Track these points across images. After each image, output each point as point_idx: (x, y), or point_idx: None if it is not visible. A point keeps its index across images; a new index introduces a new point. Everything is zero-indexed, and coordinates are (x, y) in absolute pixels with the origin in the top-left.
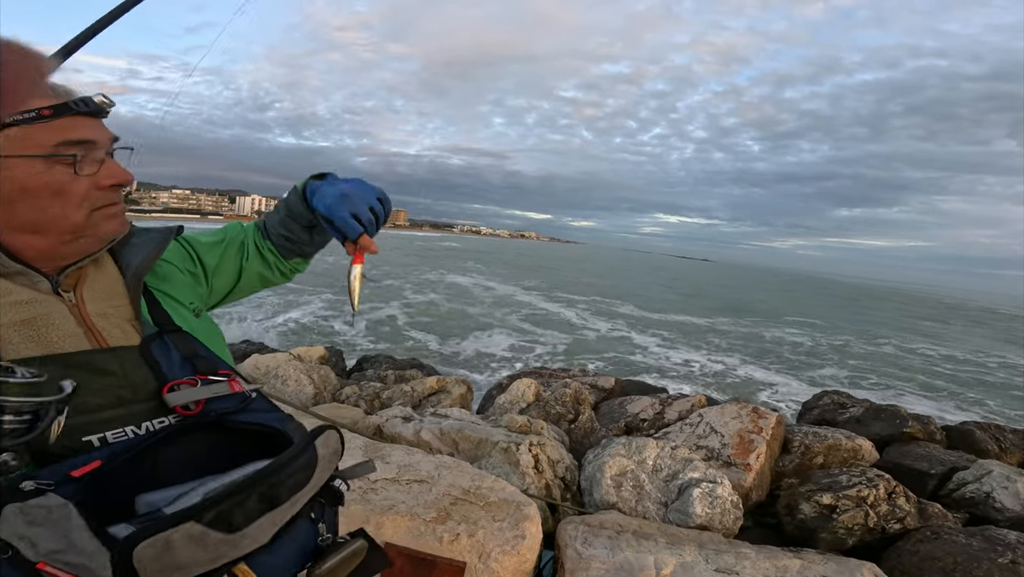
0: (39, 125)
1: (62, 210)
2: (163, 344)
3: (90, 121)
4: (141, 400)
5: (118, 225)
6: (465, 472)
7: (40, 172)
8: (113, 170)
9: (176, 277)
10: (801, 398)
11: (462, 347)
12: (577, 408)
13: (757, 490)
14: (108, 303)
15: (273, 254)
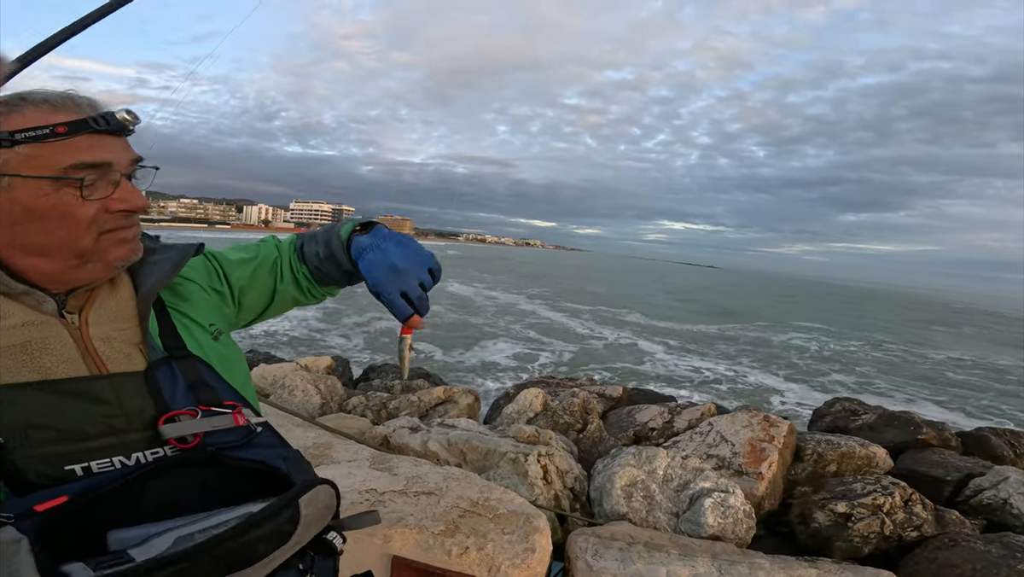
0: (52, 143)
1: (69, 234)
2: (169, 370)
3: (109, 140)
4: (136, 429)
5: (127, 251)
6: (473, 484)
7: (47, 194)
8: (126, 194)
9: (198, 297)
10: (810, 405)
11: (466, 357)
12: (585, 417)
13: (770, 499)
14: (114, 326)
15: (307, 279)
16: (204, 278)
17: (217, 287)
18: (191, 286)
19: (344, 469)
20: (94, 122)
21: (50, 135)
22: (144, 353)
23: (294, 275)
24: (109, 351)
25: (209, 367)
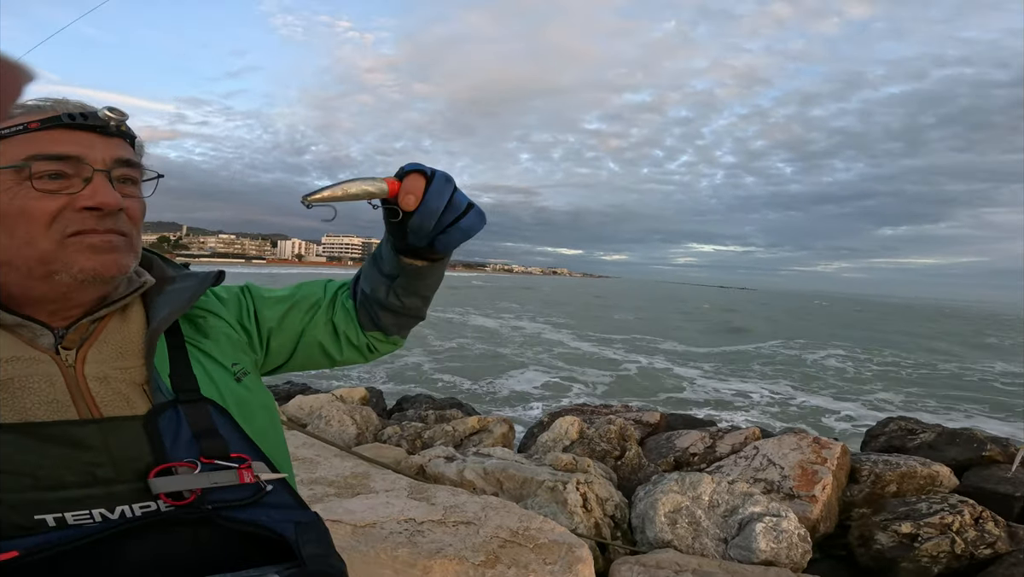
0: (19, 137)
1: (27, 233)
2: (174, 416)
3: (85, 136)
4: (126, 480)
5: (98, 263)
6: (512, 512)
7: (8, 188)
8: (95, 190)
9: (222, 333)
10: (859, 423)
11: (497, 387)
12: (623, 444)
13: (825, 522)
14: (116, 364)
15: (348, 315)
16: (235, 313)
17: (246, 324)
18: (216, 321)
19: (382, 498)
20: (68, 117)
21: (23, 131)
22: (148, 395)
23: (331, 312)
24: (104, 392)
25: (223, 413)
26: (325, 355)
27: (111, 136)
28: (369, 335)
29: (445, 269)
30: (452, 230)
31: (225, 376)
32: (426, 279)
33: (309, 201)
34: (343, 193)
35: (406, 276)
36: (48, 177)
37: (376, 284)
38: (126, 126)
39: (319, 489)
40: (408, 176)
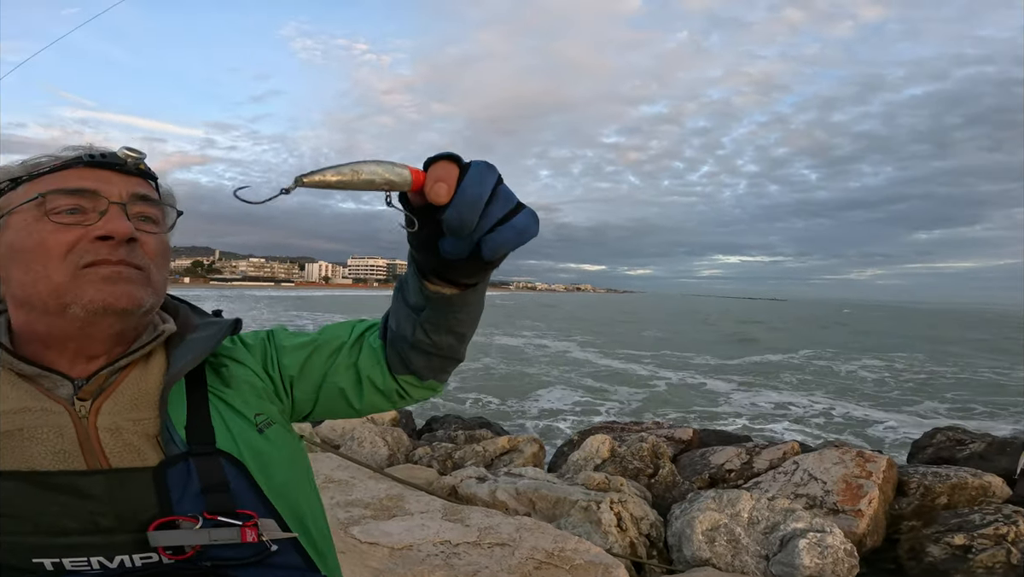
0: (43, 177)
1: (44, 267)
2: (185, 469)
3: (104, 173)
4: (128, 530)
5: (107, 295)
6: (547, 533)
7: (28, 225)
8: (107, 221)
9: (245, 382)
10: (902, 435)
11: (525, 407)
12: (656, 462)
13: (872, 536)
14: (130, 415)
15: (375, 357)
16: (260, 360)
17: (271, 372)
18: (239, 369)
19: (417, 521)
20: (88, 156)
21: (47, 172)
22: (161, 447)
23: (355, 354)
24: (114, 444)
25: (238, 466)
26: (346, 403)
27: (130, 174)
28: (400, 379)
29: (482, 299)
30: (503, 228)
31: (245, 427)
32: (457, 312)
33: (304, 183)
34: (352, 177)
35: (434, 308)
36: (66, 212)
37: (402, 318)
38: (145, 165)
39: (356, 511)
40: (436, 163)
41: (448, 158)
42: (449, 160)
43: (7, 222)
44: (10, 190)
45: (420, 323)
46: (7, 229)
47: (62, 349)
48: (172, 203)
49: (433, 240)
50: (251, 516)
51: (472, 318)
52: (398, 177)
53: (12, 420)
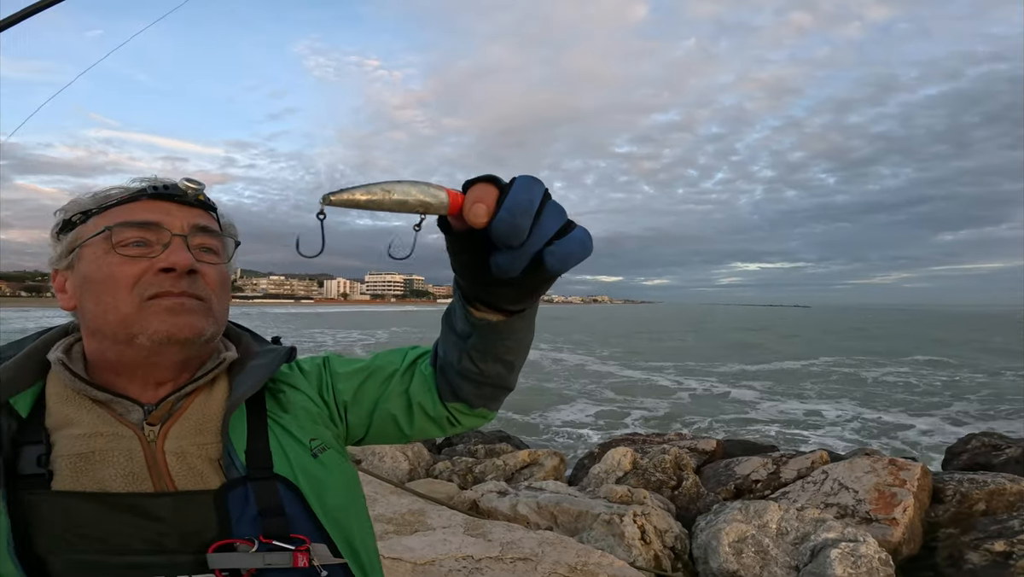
0: (111, 210)
1: (113, 298)
2: (244, 492)
3: (166, 205)
4: (189, 552)
5: (170, 326)
6: (569, 548)
7: (99, 257)
8: (170, 252)
9: (301, 407)
10: (935, 441)
11: (546, 419)
12: (679, 473)
13: (908, 544)
14: (194, 440)
15: (426, 384)
16: (315, 386)
17: (326, 397)
18: (296, 395)
19: (439, 536)
20: (152, 188)
21: (114, 204)
22: (222, 470)
23: (405, 388)
24: (180, 467)
25: (293, 490)
26: (397, 429)
27: (191, 205)
28: (450, 407)
29: (531, 326)
30: (567, 240)
31: (301, 452)
32: (504, 339)
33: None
34: (382, 197)
35: (480, 335)
36: (132, 244)
37: (449, 346)
38: (204, 195)
39: (379, 527)
40: (475, 185)
41: (487, 180)
42: (488, 181)
43: (80, 254)
44: (82, 223)
45: (467, 351)
46: (80, 261)
47: (132, 376)
48: (232, 233)
49: (476, 265)
50: (304, 541)
51: (521, 346)
52: (433, 199)
53: (86, 443)
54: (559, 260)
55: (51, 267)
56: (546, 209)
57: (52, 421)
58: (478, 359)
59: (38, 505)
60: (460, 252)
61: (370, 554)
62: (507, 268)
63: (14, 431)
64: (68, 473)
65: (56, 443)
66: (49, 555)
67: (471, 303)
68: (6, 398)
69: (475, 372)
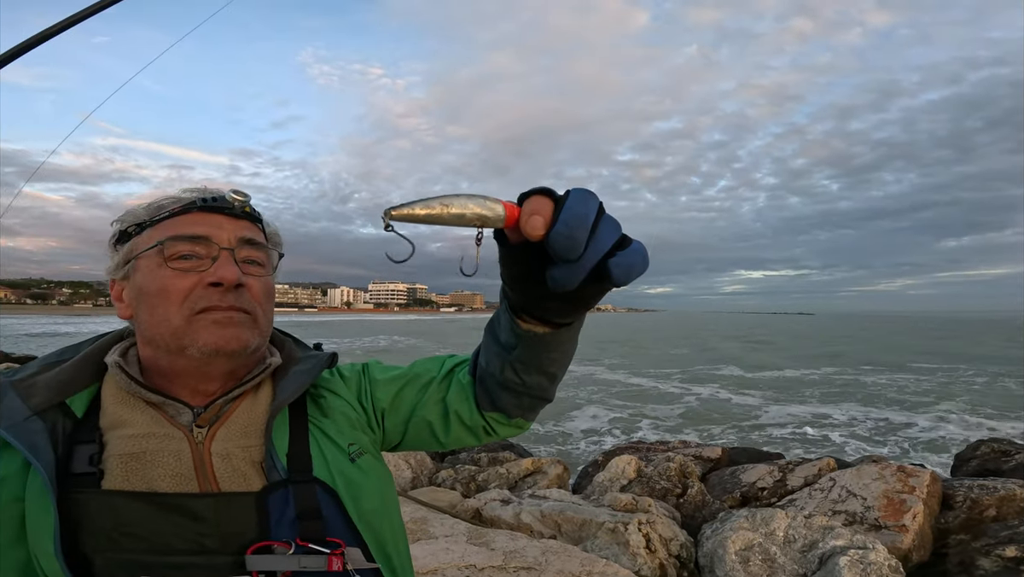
0: (163, 222)
1: (164, 311)
2: (284, 495)
3: (215, 217)
4: (229, 553)
5: (218, 338)
6: (573, 557)
7: (152, 270)
8: (218, 267)
9: (340, 412)
10: (943, 447)
11: (554, 429)
12: (684, 481)
13: (918, 551)
14: (239, 442)
15: (463, 393)
16: (355, 392)
17: (364, 403)
18: (336, 401)
19: (442, 544)
20: (201, 201)
21: (167, 217)
22: (264, 473)
23: (442, 397)
24: (225, 469)
25: (331, 494)
26: (433, 436)
27: (238, 218)
28: (487, 416)
29: (576, 339)
30: (628, 252)
31: (339, 456)
32: (550, 351)
33: (392, 217)
34: (442, 212)
35: (525, 346)
36: (182, 258)
37: (492, 356)
38: (250, 207)
39: None
40: (530, 197)
41: (542, 192)
42: (543, 194)
43: (136, 265)
44: (137, 234)
45: (510, 362)
46: (136, 272)
47: (183, 383)
48: (277, 243)
49: (527, 277)
50: (339, 544)
51: (564, 358)
52: (490, 212)
53: (139, 443)
54: (624, 272)
55: (108, 276)
56: (602, 222)
57: (106, 421)
58: (521, 370)
59: (87, 504)
60: (513, 265)
61: (402, 559)
62: (564, 282)
63: (69, 431)
64: (119, 472)
65: (109, 443)
66: (94, 554)
67: (518, 315)
68: (64, 398)
69: (517, 383)
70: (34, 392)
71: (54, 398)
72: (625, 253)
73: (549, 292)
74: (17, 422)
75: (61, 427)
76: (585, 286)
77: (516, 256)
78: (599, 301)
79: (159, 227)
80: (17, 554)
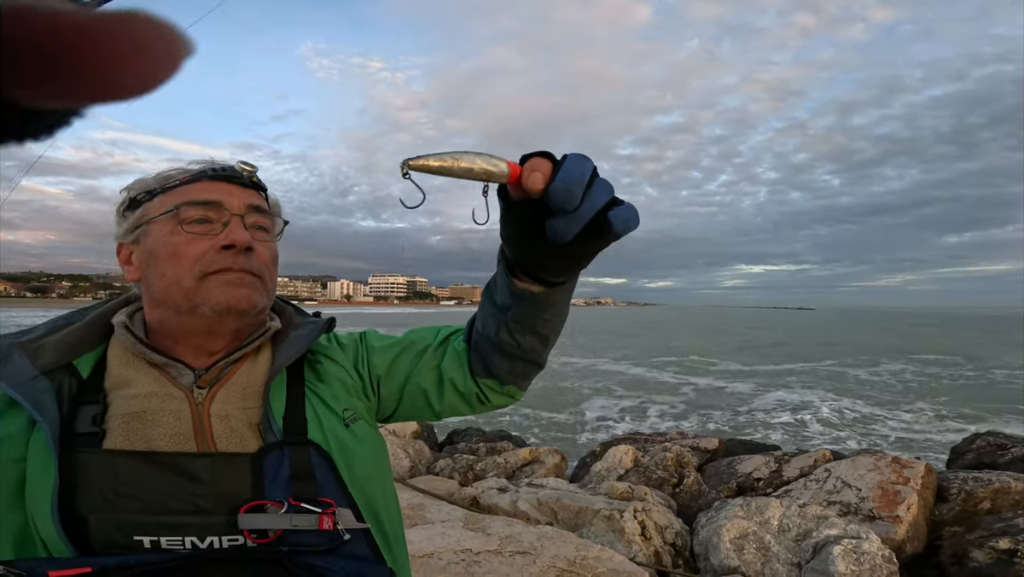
0: (175, 189)
1: (175, 274)
2: (279, 456)
3: (225, 186)
4: (222, 512)
5: (230, 296)
6: (569, 542)
7: (165, 234)
8: (230, 231)
9: (336, 378)
10: (939, 441)
11: (556, 419)
12: (681, 471)
13: (912, 542)
14: (238, 404)
15: (458, 359)
16: (351, 359)
17: (360, 370)
18: (332, 366)
19: (438, 529)
20: (212, 170)
21: (177, 185)
22: (261, 434)
23: (437, 364)
24: (223, 430)
25: (325, 457)
26: (427, 404)
27: (246, 187)
28: (481, 382)
29: (568, 300)
30: (623, 207)
31: (334, 420)
32: (543, 311)
33: (410, 167)
34: (452, 165)
35: (520, 305)
36: (195, 222)
37: (488, 318)
38: (257, 177)
39: None
40: (532, 158)
41: (542, 154)
42: (542, 155)
43: (147, 230)
44: (147, 201)
45: (506, 323)
46: (147, 236)
47: (188, 344)
48: (279, 212)
49: (525, 234)
50: (330, 504)
51: (557, 320)
52: (496, 168)
53: (141, 403)
54: (623, 222)
55: (117, 241)
56: (597, 182)
57: (111, 382)
58: (516, 331)
59: (87, 463)
60: (512, 221)
61: (394, 524)
62: (563, 232)
63: (74, 391)
64: (120, 432)
65: (112, 403)
66: (90, 515)
67: (514, 273)
68: (71, 359)
69: (511, 344)
70: (42, 353)
71: (61, 359)
72: (622, 208)
73: (547, 249)
74: (24, 381)
75: (67, 387)
76: (584, 241)
77: (516, 212)
78: (591, 260)
79: (171, 194)
80: (15, 517)
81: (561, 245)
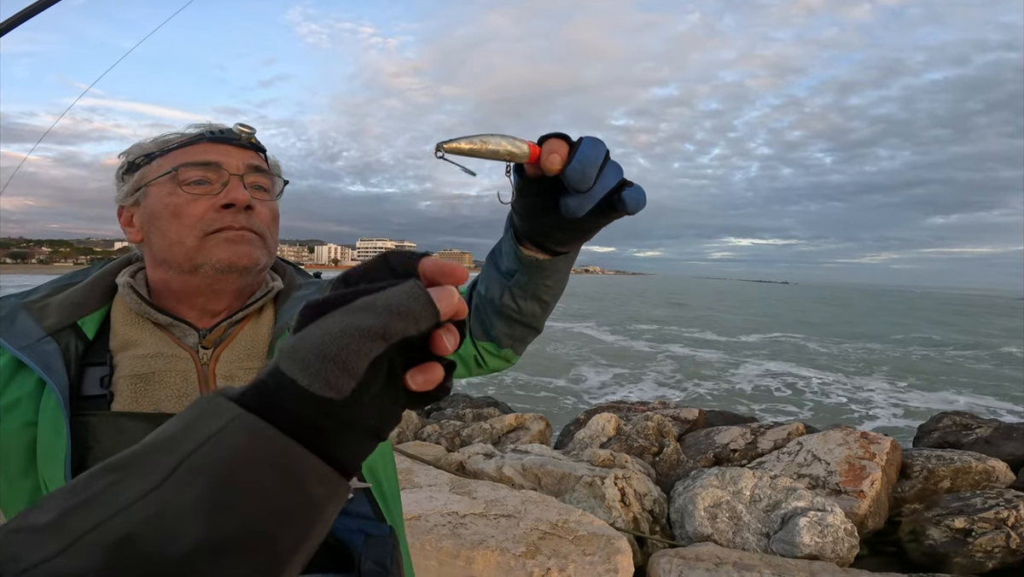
0: (174, 152)
1: (177, 234)
2: None
3: (224, 147)
4: None
5: (231, 254)
6: (551, 506)
7: (165, 195)
8: (230, 190)
9: None
10: (905, 417)
11: (539, 386)
12: (661, 440)
13: (873, 517)
14: (243, 364)
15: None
16: None
17: None
18: None
19: (425, 493)
20: (210, 132)
21: (176, 148)
22: None
23: None
24: None
25: None
26: None
27: (244, 148)
28: (480, 345)
29: (569, 268)
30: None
31: None
32: (547, 278)
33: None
34: (481, 147)
35: (525, 271)
36: (195, 183)
37: (491, 283)
38: (255, 139)
39: None
40: (549, 139)
41: (559, 136)
42: (560, 138)
43: (147, 192)
44: (146, 164)
45: (509, 287)
46: (148, 198)
47: (191, 303)
48: (278, 173)
49: (537, 208)
50: None
51: (558, 286)
52: (518, 149)
53: (148, 364)
54: (635, 201)
55: (118, 204)
56: (609, 164)
57: (116, 343)
58: (519, 296)
59: (97, 426)
60: (528, 195)
61: (391, 485)
62: (576, 209)
63: (80, 352)
64: (128, 394)
65: (119, 364)
66: None
67: (521, 242)
68: (76, 320)
69: (513, 308)
70: (48, 313)
71: (67, 319)
72: (633, 189)
73: (556, 223)
74: (32, 343)
75: (74, 348)
76: (594, 217)
77: (532, 188)
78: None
79: (170, 156)
80: (27, 483)
81: (572, 220)
